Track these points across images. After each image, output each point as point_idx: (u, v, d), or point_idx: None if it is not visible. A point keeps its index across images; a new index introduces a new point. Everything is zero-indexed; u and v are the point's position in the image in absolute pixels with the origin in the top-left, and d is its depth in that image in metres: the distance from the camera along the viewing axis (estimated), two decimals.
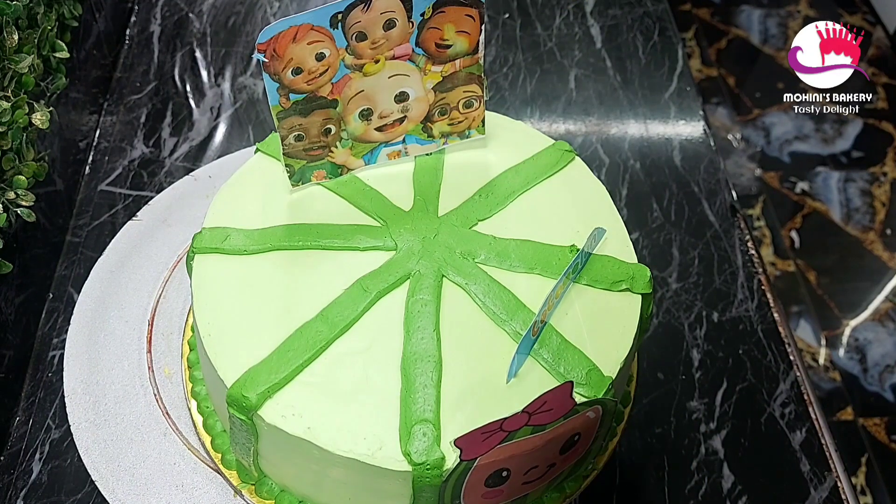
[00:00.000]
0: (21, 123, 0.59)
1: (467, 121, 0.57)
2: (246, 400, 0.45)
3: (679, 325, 0.69)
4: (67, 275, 0.69)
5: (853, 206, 1.73)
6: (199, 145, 0.79)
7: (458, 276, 0.52)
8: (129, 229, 0.70)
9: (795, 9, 2.03)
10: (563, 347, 0.48)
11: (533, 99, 0.87)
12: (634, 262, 0.53)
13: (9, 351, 0.62)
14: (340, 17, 0.48)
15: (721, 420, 0.64)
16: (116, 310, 0.65)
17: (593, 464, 0.54)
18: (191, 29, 0.91)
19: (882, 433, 1.42)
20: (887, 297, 1.59)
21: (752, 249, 0.75)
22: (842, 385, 1.48)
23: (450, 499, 0.45)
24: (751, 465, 0.58)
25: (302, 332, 0.48)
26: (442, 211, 0.56)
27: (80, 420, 0.59)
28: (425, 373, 0.47)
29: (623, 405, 0.58)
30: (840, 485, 0.61)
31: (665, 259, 0.73)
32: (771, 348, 0.68)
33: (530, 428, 0.41)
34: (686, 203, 0.78)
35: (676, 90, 0.89)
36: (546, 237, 0.54)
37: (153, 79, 0.85)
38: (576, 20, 0.96)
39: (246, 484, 0.53)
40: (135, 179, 0.76)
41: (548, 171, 0.58)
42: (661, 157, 0.82)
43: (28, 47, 0.62)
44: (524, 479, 0.46)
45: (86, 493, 0.57)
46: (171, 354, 0.63)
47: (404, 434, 0.44)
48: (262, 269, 0.52)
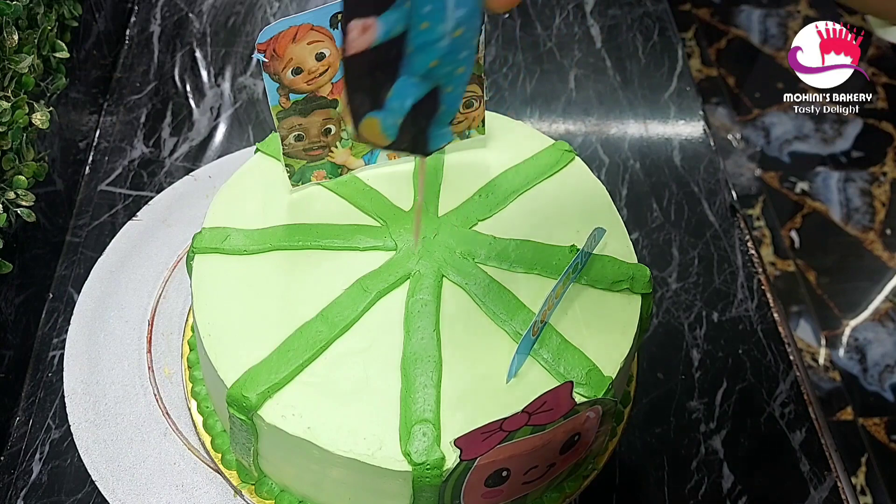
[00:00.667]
0: (21, 123, 0.59)
1: (467, 121, 0.57)
2: (246, 400, 0.45)
3: (679, 325, 0.69)
4: (67, 275, 0.69)
5: (853, 206, 1.73)
6: (199, 145, 0.79)
7: (458, 276, 0.52)
8: (129, 229, 0.70)
9: (795, 9, 2.03)
10: (563, 347, 0.48)
11: (533, 99, 0.87)
12: (634, 262, 0.53)
13: (9, 351, 0.62)
14: (340, 17, 0.48)
15: (721, 420, 0.64)
16: (116, 310, 0.65)
17: (593, 464, 0.55)
18: (191, 29, 0.91)
19: (882, 433, 1.42)
20: (887, 297, 1.59)
21: (751, 249, 0.75)
22: (842, 385, 1.48)
23: (450, 499, 0.45)
24: (751, 465, 0.58)
25: (302, 332, 0.48)
26: (442, 211, 0.56)
27: (80, 420, 0.59)
28: (425, 373, 0.47)
29: (623, 405, 0.58)
30: (840, 485, 0.61)
31: (665, 259, 0.73)
32: (771, 348, 0.68)
33: (530, 428, 0.41)
34: (686, 203, 0.78)
35: (676, 90, 0.89)
36: (546, 237, 0.54)
37: (153, 79, 0.85)
38: (576, 20, 0.96)
39: (246, 484, 0.53)
40: (135, 179, 0.76)
41: (548, 171, 0.58)
42: (660, 157, 0.82)
43: (28, 47, 0.62)
44: (524, 479, 0.46)
45: (86, 493, 0.57)
46: (171, 354, 0.63)
47: (404, 434, 0.44)
48: (262, 269, 0.52)
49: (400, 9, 0.35)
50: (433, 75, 0.37)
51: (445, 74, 0.37)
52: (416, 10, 0.35)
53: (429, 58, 0.36)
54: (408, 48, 0.36)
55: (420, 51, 0.36)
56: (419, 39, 0.36)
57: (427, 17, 0.35)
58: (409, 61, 0.36)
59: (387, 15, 0.34)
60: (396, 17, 0.35)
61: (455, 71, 0.38)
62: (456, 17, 0.35)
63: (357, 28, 0.34)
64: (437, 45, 0.36)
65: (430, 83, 0.38)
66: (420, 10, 0.35)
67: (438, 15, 0.35)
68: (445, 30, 0.36)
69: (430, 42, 0.36)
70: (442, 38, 0.36)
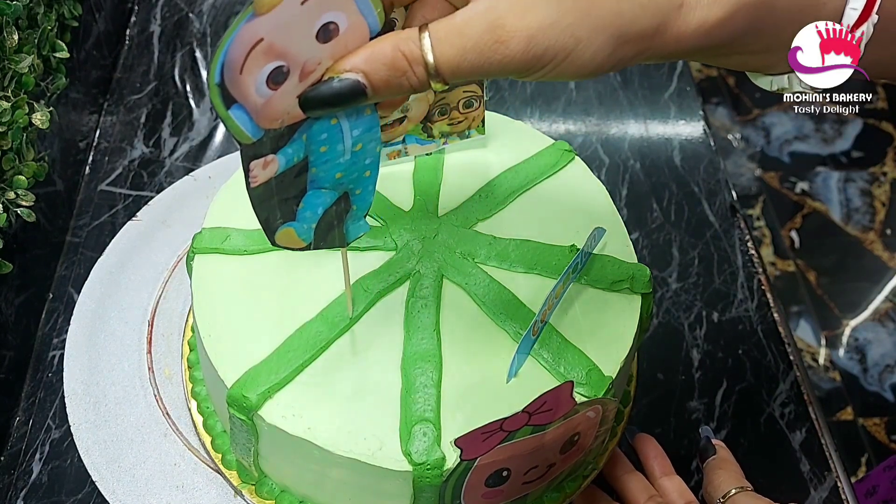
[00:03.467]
0: (21, 123, 0.59)
1: (467, 121, 0.57)
2: (246, 400, 0.45)
3: (679, 325, 0.69)
4: (67, 275, 0.69)
5: (853, 206, 1.73)
6: (199, 145, 0.79)
7: (458, 276, 0.52)
8: (129, 229, 0.70)
9: None
10: (563, 347, 0.48)
11: (533, 99, 0.87)
12: (634, 261, 0.53)
13: (9, 351, 0.62)
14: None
15: (721, 420, 0.64)
16: (116, 310, 0.65)
17: (593, 464, 0.55)
18: (191, 29, 0.91)
19: (882, 433, 1.42)
20: (887, 297, 1.60)
21: (752, 249, 0.75)
22: (842, 385, 1.48)
23: (450, 499, 0.45)
24: (751, 465, 0.58)
25: (302, 333, 0.48)
26: (442, 211, 0.56)
27: (81, 420, 0.59)
28: (425, 373, 0.47)
29: (623, 405, 0.58)
30: (840, 485, 0.61)
31: (665, 259, 0.73)
32: (771, 348, 0.68)
33: (530, 428, 0.41)
34: (686, 203, 0.78)
35: (676, 90, 0.89)
36: (546, 237, 0.54)
37: (153, 79, 0.85)
38: None
39: (246, 484, 0.53)
40: (135, 179, 0.76)
41: (547, 171, 0.58)
42: (660, 157, 0.82)
43: (28, 47, 0.62)
44: (524, 479, 0.46)
45: (86, 493, 0.57)
46: (171, 355, 0.63)
47: (404, 434, 0.44)
48: (262, 270, 0.52)
49: (297, 142, 0.35)
50: (340, 184, 0.38)
51: (352, 181, 0.39)
52: (312, 140, 0.36)
53: (333, 172, 0.38)
54: (311, 168, 0.37)
55: (323, 168, 0.37)
56: (321, 160, 0.37)
57: (324, 142, 0.36)
58: (313, 177, 0.37)
59: (284, 150, 0.35)
60: (294, 148, 0.36)
61: (362, 175, 0.39)
62: (353, 137, 0.37)
63: (258, 165, 0.35)
64: (339, 161, 0.37)
65: (339, 190, 0.39)
66: (317, 138, 0.36)
67: (335, 138, 0.36)
68: (345, 147, 0.37)
69: (332, 159, 0.37)
70: (342, 155, 0.37)
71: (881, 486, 0.75)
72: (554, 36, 0.30)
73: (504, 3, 0.31)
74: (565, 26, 0.30)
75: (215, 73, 0.31)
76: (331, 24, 0.32)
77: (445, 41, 0.31)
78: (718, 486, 0.52)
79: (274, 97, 0.33)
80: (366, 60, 0.32)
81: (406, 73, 0.32)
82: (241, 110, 0.32)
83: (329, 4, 0.32)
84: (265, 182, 0.36)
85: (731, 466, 0.53)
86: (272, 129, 0.34)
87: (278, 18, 0.31)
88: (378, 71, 0.32)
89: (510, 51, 0.31)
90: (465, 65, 0.31)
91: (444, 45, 0.31)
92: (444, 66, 0.31)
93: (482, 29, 0.30)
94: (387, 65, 0.32)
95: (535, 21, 0.30)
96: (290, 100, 0.33)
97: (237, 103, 0.32)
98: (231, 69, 0.31)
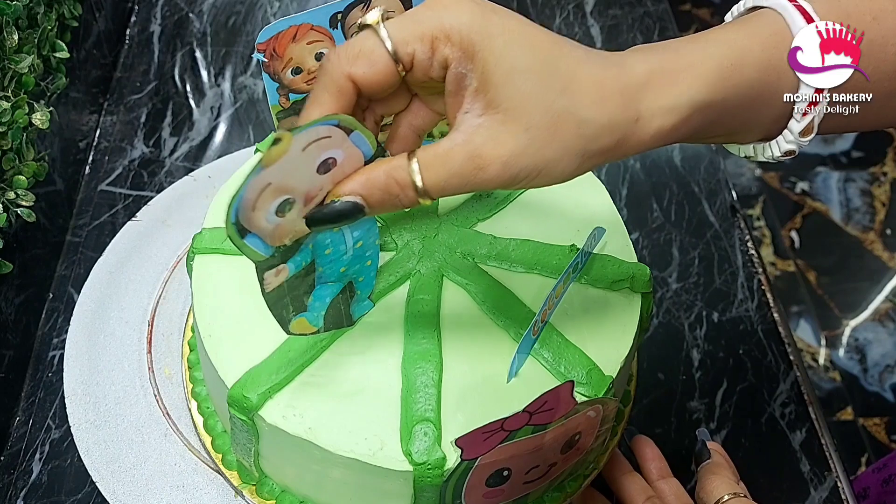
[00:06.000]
0: (21, 123, 0.59)
1: None
2: (247, 400, 0.45)
3: (679, 325, 0.69)
4: (67, 275, 0.69)
5: (853, 206, 1.73)
6: (199, 145, 0.79)
7: (459, 276, 0.52)
8: (129, 229, 0.70)
9: None
10: (564, 347, 0.48)
11: None
12: (634, 261, 0.53)
13: (9, 351, 0.62)
14: (340, 17, 0.48)
15: (721, 420, 0.64)
16: (116, 310, 0.65)
17: (594, 463, 0.54)
18: (191, 29, 0.91)
19: (882, 433, 1.42)
20: (887, 297, 1.60)
21: (752, 249, 0.75)
22: (842, 385, 1.48)
23: (451, 498, 0.45)
24: (751, 465, 0.58)
25: None
26: (442, 211, 0.56)
27: (81, 420, 0.59)
28: (426, 373, 0.47)
29: (623, 405, 0.58)
30: (840, 485, 0.61)
31: (665, 259, 0.73)
32: (771, 348, 0.68)
33: (531, 427, 0.41)
34: (686, 203, 0.78)
35: None
36: (546, 237, 0.54)
37: (153, 79, 0.85)
38: (576, 20, 0.96)
39: (247, 484, 0.53)
40: (135, 179, 0.76)
41: None
42: (661, 157, 0.82)
43: (28, 47, 0.62)
44: (525, 479, 0.46)
45: (86, 493, 0.57)
46: (171, 355, 0.63)
47: (405, 434, 0.44)
48: None
49: (304, 250, 0.39)
50: (345, 276, 0.43)
51: (355, 272, 0.43)
52: (317, 246, 0.40)
53: (337, 268, 0.42)
54: (318, 269, 0.41)
55: (328, 266, 0.41)
56: (326, 260, 0.41)
57: (328, 245, 0.41)
58: (320, 275, 0.42)
59: (294, 258, 0.39)
60: (302, 255, 0.40)
61: (364, 266, 0.43)
62: (353, 237, 0.41)
63: (271, 274, 0.39)
64: (342, 258, 0.42)
65: (344, 281, 0.43)
66: (322, 243, 0.40)
67: (338, 241, 0.41)
68: (347, 247, 0.41)
69: (336, 258, 0.41)
70: (345, 253, 0.42)
71: (872, 488, 0.75)
72: (526, 160, 0.35)
73: (481, 135, 0.34)
74: (534, 151, 0.35)
75: (231, 214, 0.34)
76: (329, 159, 0.36)
77: (431, 168, 0.35)
78: (711, 491, 0.52)
79: (282, 222, 0.36)
80: (362, 186, 0.36)
81: (398, 195, 0.36)
82: (254, 237, 0.36)
83: (327, 146, 0.35)
84: (278, 286, 0.40)
85: (724, 471, 0.53)
86: (282, 245, 0.38)
87: (283, 166, 0.34)
88: (374, 194, 0.36)
89: (489, 175, 0.35)
90: (449, 187, 0.35)
91: (429, 171, 0.35)
92: (432, 188, 0.35)
93: (463, 157, 0.34)
94: (381, 189, 0.36)
95: (507, 149, 0.34)
96: (296, 222, 0.37)
97: (251, 233, 0.36)
98: (244, 209, 0.34)
